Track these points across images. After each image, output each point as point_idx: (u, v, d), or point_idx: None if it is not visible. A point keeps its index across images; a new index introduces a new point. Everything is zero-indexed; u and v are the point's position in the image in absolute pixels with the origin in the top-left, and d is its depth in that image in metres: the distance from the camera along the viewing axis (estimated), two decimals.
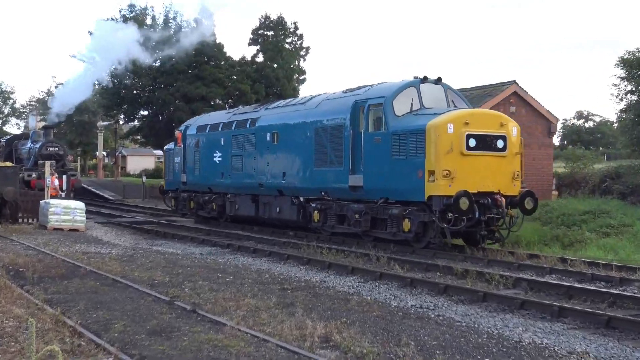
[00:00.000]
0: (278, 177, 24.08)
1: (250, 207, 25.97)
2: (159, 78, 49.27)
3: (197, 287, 13.12)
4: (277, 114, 25.00)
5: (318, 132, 22.28)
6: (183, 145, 30.67)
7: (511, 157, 19.36)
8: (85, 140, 76.49)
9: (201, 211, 29.42)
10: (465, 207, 17.83)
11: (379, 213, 20.05)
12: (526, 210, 19.29)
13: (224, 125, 27.88)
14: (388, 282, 14.36)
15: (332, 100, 22.64)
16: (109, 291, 12.65)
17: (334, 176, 21.52)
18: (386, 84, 21.67)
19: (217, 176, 27.84)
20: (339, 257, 17.92)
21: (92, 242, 21.20)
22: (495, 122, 19.23)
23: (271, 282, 14.08)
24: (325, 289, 13.57)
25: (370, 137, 20.34)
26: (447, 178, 18.27)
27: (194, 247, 20.93)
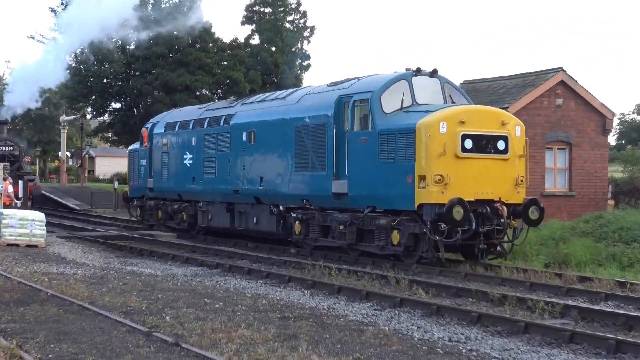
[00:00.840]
0: (255, 183, 24.83)
1: (225, 217, 26.61)
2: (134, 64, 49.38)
3: (180, 315, 13.11)
4: (254, 110, 25.58)
5: (299, 131, 22.89)
6: (149, 145, 31.22)
7: (514, 160, 19.94)
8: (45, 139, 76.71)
9: (170, 222, 30.34)
10: (459, 217, 18.35)
11: (365, 224, 20.61)
12: (531, 220, 19.77)
13: (196, 123, 28.56)
14: (410, 310, 14.34)
15: (314, 95, 23.18)
16: (75, 320, 12.65)
17: (316, 182, 22.16)
18: (375, 76, 22.22)
19: (188, 181, 28.61)
20: (351, 280, 17.93)
21: (54, 261, 21.22)
22: (495, 120, 19.76)
23: (269, 310, 14.07)
24: (335, 317, 13.55)
25: (356, 137, 20.91)
26: (439, 184, 18.89)
27: (176, 267, 20.93)
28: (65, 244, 26.16)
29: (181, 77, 46.84)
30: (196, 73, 47.35)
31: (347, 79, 23.13)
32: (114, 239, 27.77)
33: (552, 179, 29.41)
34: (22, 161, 39.52)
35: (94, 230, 32.43)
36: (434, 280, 17.86)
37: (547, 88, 29.04)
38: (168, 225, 30.66)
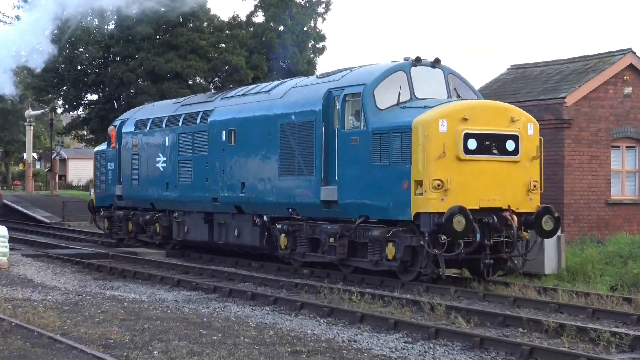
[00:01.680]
0: (236, 189, 25.62)
1: (203, 229, 27.45)
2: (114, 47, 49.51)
3: (170, 350, 13.14)
4: (235, 105, 26.39)
5: (284, 129, 23.64)
6: (118, 146, 31.87)
7: (526, 163, 20.54)
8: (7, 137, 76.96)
9: (142, 235, 30.75)
10: (460, 227, 18.89)
11: (357, 236, 21.29)
12: (544, 231, 20.33)
13: (169, 120, 29.40)
14: (447, 342, 14.31)
15: (301, 88, 23.96)
16: (44, 355, 12.69)
17: (303, 188, 22.91)
18: (369, 67, 22.91)
19: (161, 188, 29.43)
20: (376, 306, 17.93)
21: (19, 284, 21.31)
22: (503, 117, 20.38)
23: (278, 343, 14.08)
24: (356, 352, 13.54)
25: (347, 136, 21.59)
26: (438, 190, 19.51)
27: (165, 292, 20.97)
28: (32, 263, 26.24)
29: (170, 63, 46.91)
30: (188, 58, 47.41)
31: (338, 69, 23.74)
32: (91, 258, 27.84)
33: (619, 184, 29.32)
34: None
35: (66, 247, 32.54)
36: (476, 306, 17.86)
37: (613, 73, 28.95)
38: (140, 239, 31.33)
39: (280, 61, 49.56)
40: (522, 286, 20.24)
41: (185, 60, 47.23)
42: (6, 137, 76.57)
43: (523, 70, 32.36)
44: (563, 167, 27.72)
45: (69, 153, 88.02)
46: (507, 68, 33.37)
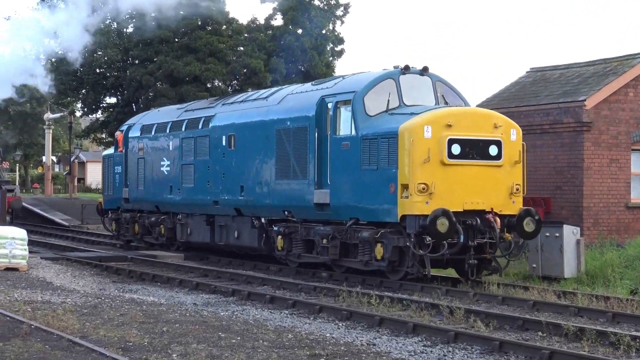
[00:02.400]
0: (235, 193, 26.64)
1: (205, 231, 28.52)
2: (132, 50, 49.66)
3: (189, 353, 13.18)
4: (234, 111, 27.48)
5: (280, 134, 24.71)
6: (124, 150, 32.95)
7: (508, 167, 21.44)
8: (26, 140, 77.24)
9: (148, 237, 32.15)
10: (444, 229, 19.90)
11: (348, 237, 22.31)
12: (526, 233, 21.33)
13: (173, 125, 30.52)
14: (467, 346, 14.31)
15: (297, 94, 25.04)
16: (63, 357, 12.73)
17: (298, 191, 23.92)
18: (360, 74, 24.07)
19: (166, 191, 30.48)
20: (395, 309, 17.95)
21: (39, 287, 21.39)
22: (486, 124, 21.36)
23: (296, 346, 14.10)
24: (375, 355, 13.55)
25: (338, 142, 22.65)
26: (423, 193, 20.53)
27: (184, 295, 21.03)
28: (51, 266, 26.34)
29: (189, 66, 47.00)
30: (207, 61, 47.50)
31: (332, 77, 25.03)
32: (110, 261, 27.94)
33: (639, 187, 29.20)
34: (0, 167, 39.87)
35: (85, 250, 32.62)
36: (495, 310, 17.86)
37: (634, 76, 28.83)
38: (146, 241, 32.36)
39: (299, 64, 49.59)
40: (542, 290, 20.26)
41: (204, 63, 47.31)
42: (25, 140, 76.84)
43: (542, 73, 32.30)
44: (582, 171, 27.63)
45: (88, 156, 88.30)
46: (527, 71, 33.30)
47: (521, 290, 20.47)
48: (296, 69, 49.51)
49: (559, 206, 28.17)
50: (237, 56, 48.80)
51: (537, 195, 28.34)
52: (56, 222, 48.39)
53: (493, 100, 32.08)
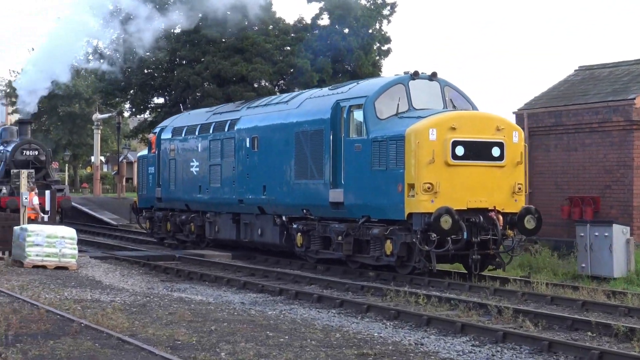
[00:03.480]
0: (258, 192, 28.10)
1: (232, 228, 30.05)
2: (180, 51, 49.86)
3: (237, 351, 13.23)
4: (257, 114, 29.10)
5: (298, 137, 26.13)
6: (157, 151, 34.57)
7: (511, 168, 22.70)
8: (76, 141, 77.81)
9: (180, 234, 33.62)
10: (447, 226, 21.10)
11: (361, 234, 23.61)
12: (527, 230, 22.49)
13: (202, 128, 32.13)
14: (515, 346, 14.26)
15: (315, 99, 26.49)
16: (113, 355, 12.83)
17: (315, 191, 25.31)
18: (372, 80, 26.12)
19: (195, 191, 32.06)
20: (443, 309, 17.94)
21: (88, 286, 21.57)
22: (489, 127, 22.59)
23: (344, 345, 14.10)
24: (423, 355, 13.53)
25: (351, 144, 24.00)
26: (429, 192, 21.80)
27: (231, 294, 21.13)
28: (100, 265, 26.56)
29: (236, 66, 47.07)
30: (254, 61, 47.54)
31: (348, 82, 27.12)
32: (158, 260, 28.16)
33: None
34: (49, 168, 40.11)
35: (133, 249, 32.90)
36: (544, 309, 17.81)
37: None
38: (178, 238, 33.79)
39: (345, 64, 49.53)
40: (591, 289, 20.17)
41: (251, 63, 47.37)
42: (74, 140, 77.35)
43: (591, 72, 32.08)
44: (632, 170, 27.43)
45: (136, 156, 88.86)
46: (575, 69, 33.09)
47: (570, 290, 20.42)
48: (343, 68, 49.42)
49: (608, 205, 27.98)
50: (283, 56, 48.82)
51: (586, 195, 28.18)
52: (105, 222, 48.76)
53: (541, 99, 31.92)
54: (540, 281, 21.33)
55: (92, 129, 69.09)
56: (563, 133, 30.13)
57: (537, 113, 31.08)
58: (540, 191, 30.74)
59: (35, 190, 31.22)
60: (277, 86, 49.68)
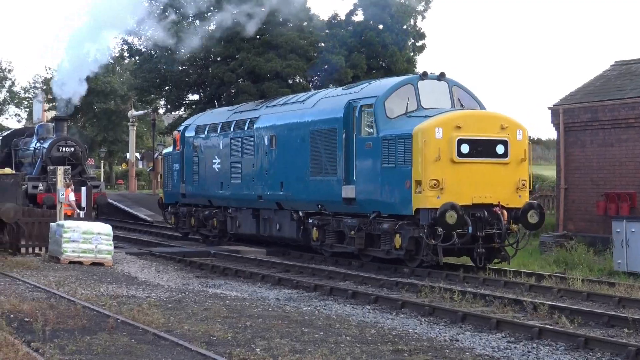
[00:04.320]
0: (276, 188, 29.19)
1: (252, 223, 31.11)
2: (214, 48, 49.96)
3: (272, 347, 13.27)
4: (276, 113, 30.19)
5: (313, 135, 27.17)
6: (182, 149, 35.87)
7: (515, 165, 23.57)
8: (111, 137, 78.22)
9: (203, 229, 34.79)
10: (452, 220, 21.96)
11: (372, 228, 24.49)
12: (530, 224, 23.30)
13: (223, 126, 33.33)
14: (551, 342, 14.22)
15: (329, 98, 27.49)
16: (149, 351, 12.92)
17: (329, 187, 26.24)
18: (382, 80, 26.87)
19: (217, 187, 33.15)
20: (477, 305, 17.93)
21: (124, 282, 21.72)
22: (494, 125, 23.51)
23: (379, 341, 14.11)
24: (459, 351, 13.52)
25: (362, 142, 24.98)
26: (435, 189, 22.71)
27: (266, 290, 21.19)
28: (136, 261, 26.71)
29: (271, 63, 47.11)
30: (288, 57, 47.56)
31: (361, 82, 28.10)
32: (193, 256, 28.25)
33: None
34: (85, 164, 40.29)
35: (169, 245, 33.05)
36: (580, 306, 17.73)
37: None
38: (201, 233, 34.93)
39: (380, 60, 49.47)
40: (627, 286, 20.10)
41: (285, 59, 47.40)
42: (110, 137, 77.73)
43: (628, 67, 31.87)
44: None
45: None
46: (611, 64, 32.89)
47: (606, 287, 20.36)
48: (377, 64, 49.36)
49: None
50: (318, 52, 48.80)
51: (622, 191, 28.01)
52: (140, 218, 49.01)
53: (576, 94, 31.75)
54: (576, 277, 21.29)
55: (128, 126, 69.40)
56: (599, 129, 29.97)
57: (572, 108, 30.92)
58: (575, 187, 30.61)
59: (72, 187, 31.40)
60: (311, 82, 49.65)
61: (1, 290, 19.24)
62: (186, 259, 27.42)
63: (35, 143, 40.41)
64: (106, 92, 71.99)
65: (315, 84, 48.98)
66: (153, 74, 50.42)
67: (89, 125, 78.02)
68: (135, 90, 56.31)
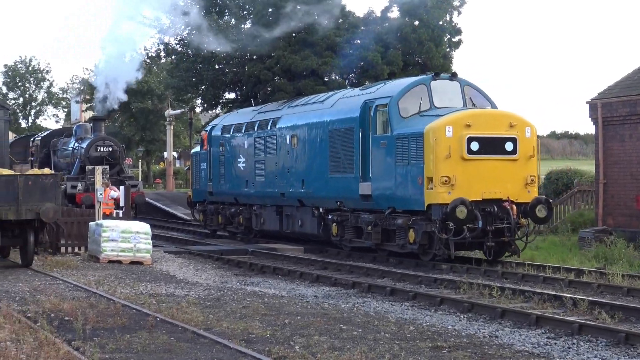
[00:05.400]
0: (298, 186, 30.15)
1: (275, 220, 32.19)
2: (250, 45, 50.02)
3: (311, 345, 13.29)
4: (297, 113, 31.21)
5: (332, 134, 28.17)
6: (209, 148, 36.98)
7: (524, 161, 24.34)
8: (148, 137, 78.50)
9: (230, 226, 35.87)
10: (462, 215, 22.80)
11: (387, 224, 25.44)
12: (538, 218, 24.13)
13: (248, 126, 34.45)
14: (592, 338, 14.15)
15: (346, 99, 28.50)
16: (188, 349, 12.97)
17: (347, 184, 27.17)
18: (397, 81, 27.95)
19: (242, 185, 34.27)
20: (517, 301, 17.87)
21: (163, 280, 21.81)
22: (503, 123, 24.29)
23: (418, 338, 14.10)
24: (498, 347, 13.48)
25: (378, 140, 25.91)
26: (446, 185, 23.55)
27: (304, 287, 21.22)
28: (174, 260, 26.82)
29: (306, 60, 47.13)
30: (324, 55, 47.56)
31: (377, 82, 29.56)
32: (231, 254, 28.33)
33: None
34: (123, 164, 40.56)
35: (207, 243, 33.14)
36: (620, 301, 17.62)
37: None
38: (228, 230, 36.06)
39: (416, 56, 49.35)
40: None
41: (321, 57, 47.38)
42: (147, 136, 78.00)
43: None
44: None
45: None
46: None
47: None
48: (413, 61, 49.26)
49: None
50: (353, 49, 48.74)
51: None
52: (177, 217, 49.16)
53: (615, 88, 31.53)
54: (616, 273, 21.17)
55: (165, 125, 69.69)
56: (638, 122, 29.75)
57: (611, 103, 30.71)
58: (614, 182, 30.40)
59: (110, 186, 31.59)
60: (347, 79, 49.60)
61: (42, 289, 19.39)
62: (224, 257, 27.52)
63: (74, 143, 40.73)
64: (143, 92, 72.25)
65: (351, 81, 48.94)
66: (190, 73, 50.62)
67: (126, 125, 78.33)
68: (172, 90, 56.52)
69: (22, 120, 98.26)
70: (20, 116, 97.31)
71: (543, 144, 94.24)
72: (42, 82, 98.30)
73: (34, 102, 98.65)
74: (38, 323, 14.75)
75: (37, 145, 45.46)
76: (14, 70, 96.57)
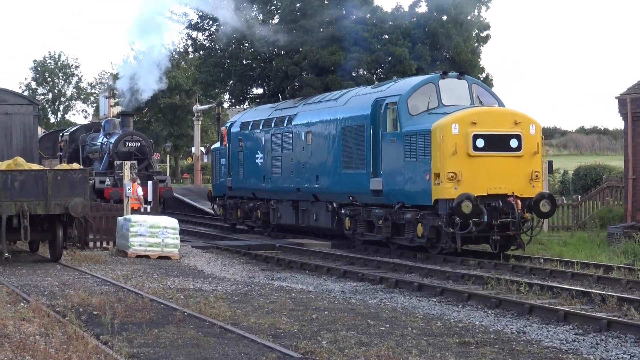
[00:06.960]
0: (312, 181, 31.09)
1: (291, 214, 33.03)
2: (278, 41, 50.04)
3: (338, 340, 13.31)
4: (312, 110, 32.03)
5: (345, 131, 29.09)
6: (228, 144, 37.90)
7: (528, 157, 25.03)
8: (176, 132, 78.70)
9: (248, 220, 36.76)
10: (468, 210, 23.47)
11: (397, 218, 26.23)
12: (542, 213, 24.82)
13: (265, 123, 35.43)
14: (620, 335, 14.10)
15: (359, 96, 29.43)
16: (216, 344, 13.02)
17: (359, 179, 27.99)
18: (407, 79, 29.09)
19: (260, 180, 35.17)
20: (545, 297, 17.83)
21: (190, 275, 21.89)
22: (508, 121, 25.09)
23: (446, 334, 14.09)
24: (526, 343, 13.46)
25: (388, 137, 26.74)
26: (452, 181, 24.26)
27: (332, 282, 21.25)
28: (202, 255, 26.90)
29: (334, 56, 47.10)
30: (352, 50, 47.51)
31: (388, 81, 30.81)
32: (258, 249, 28.40)
33: None
34: (151, 159, 40.70)
35: (234, 238, 33.23)
36: None
37: None
38: (247, 224, 36.94)
39: (444, 51, 49.22)
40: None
41: (349, 52, 47.33)
42: (175, 131, 78.15)
43: None
44: None
45: None
46: None
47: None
48: (441, 55, 49.12)
49: None
50: (381, 44, 48.67)
51: None
52: (205, 212, 49.24)
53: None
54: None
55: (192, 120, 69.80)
56: None
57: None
58: None
59: (138, 181, 31.72)
60: (375, 75, 49.54)
61: (70, 284, 19.51)
62: (251, 252, 27.60)
63: (102, 138, 40.90)
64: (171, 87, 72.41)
65: (379, 76, 48.88)
66: (217, 69, 50.69)
67: (154, 120, 78.55)
68: (200, 85, 56.67)
69: (51, 115, 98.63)
70: (49, 111, 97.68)
71: (572, 139, 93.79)
72: (70, 78, 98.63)
73: (63, 98, 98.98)
74: (67, 317, 14.85)
75: (66, 140, 45.68)
76: (43, 66, 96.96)
